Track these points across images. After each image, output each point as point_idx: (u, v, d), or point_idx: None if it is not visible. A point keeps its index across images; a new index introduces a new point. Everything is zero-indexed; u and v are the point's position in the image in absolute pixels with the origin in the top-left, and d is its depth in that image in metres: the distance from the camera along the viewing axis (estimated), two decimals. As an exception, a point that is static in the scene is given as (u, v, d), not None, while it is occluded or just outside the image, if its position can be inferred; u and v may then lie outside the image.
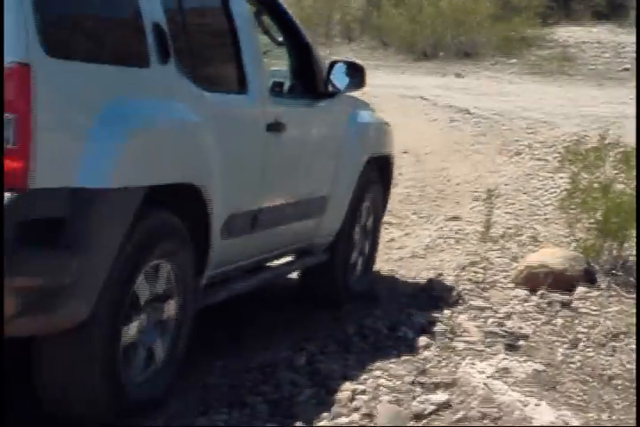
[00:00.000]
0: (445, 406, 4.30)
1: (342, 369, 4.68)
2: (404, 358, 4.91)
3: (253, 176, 4.67)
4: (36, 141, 3.27)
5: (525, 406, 4.30)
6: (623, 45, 20.37)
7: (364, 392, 4.38)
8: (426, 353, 5.01)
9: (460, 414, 4.25)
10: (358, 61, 5.83)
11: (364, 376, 4.60)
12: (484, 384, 4.49)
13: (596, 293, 6.15)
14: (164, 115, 3.96)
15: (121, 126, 3.61)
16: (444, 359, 4.92)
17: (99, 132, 3.51)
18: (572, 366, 4.95)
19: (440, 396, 4.38)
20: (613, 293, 6.19)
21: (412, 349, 5.08)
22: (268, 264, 5.42)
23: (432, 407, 4.26)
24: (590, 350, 5.22)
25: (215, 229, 4.27)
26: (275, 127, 4.80)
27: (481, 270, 6.77)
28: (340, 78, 5.33)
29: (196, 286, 4.23)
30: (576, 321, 5.69)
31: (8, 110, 3.23)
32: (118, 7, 3.84)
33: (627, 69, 19.48)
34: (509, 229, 7.80)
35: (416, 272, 6.76)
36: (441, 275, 6.67)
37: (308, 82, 5.35)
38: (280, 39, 5.44)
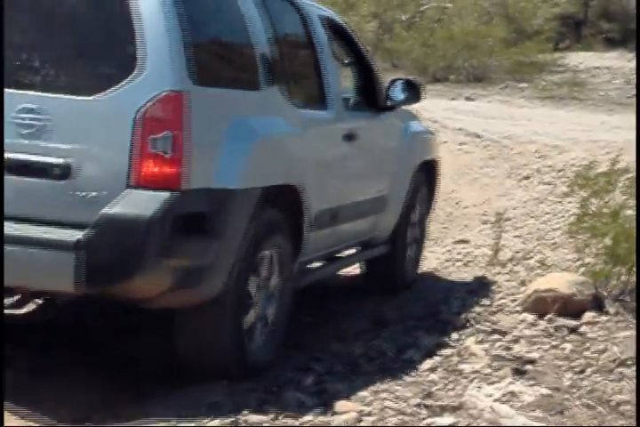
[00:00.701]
0: (452, 429, 4.29)
1: (349, 390, 4.67)
2: (410, 380, 4.91)
3: (335, 179, 5.59)
4: (186, 153, 4.17)
5: (532, 430, 4.29)
6: (634, 72, 20.40)
7: (370, 414, 4.37)
8: (432, 376, 5.00)
9: (466, 438, 4.24)
10: (416, 79, 6.86)
11: (371, 398, 4.59)
12: (491, 408, 4.47)
13: (604, 318, 6.13)
14: (273, 129, 4.90)
15: (245, 140, 4.53)
16: (450, 382, 4.91)
17: (229, 145, 4.42)
18: (579, 391, 4.93)
19: (446, 419, 4.37)
20: (622, 318, 6.16)
21: (418, 371, 5.07)
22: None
23: (438, 430, 4.25)
24: (598, 375, 5.20)
25: (307, 223, 5.12)
26: (348, 137, 5.76)
27: (489, 294, 6.76)
28: (397, 93, 6.31)
29: (292, 269, 5.10)
30: (584, 346, 5.67)
31: (167, 128, 4.14)
32: (237, 43, 4.82)
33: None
34: (518, 253, 7.79)
35: (424, 295, 6.75)
36: (448, 298, 6.67)
37: (370, 97, 6.28)
38: (346, 60, 6.41)
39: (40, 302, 5.65)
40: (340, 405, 4.46)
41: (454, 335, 5.68)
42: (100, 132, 4.13)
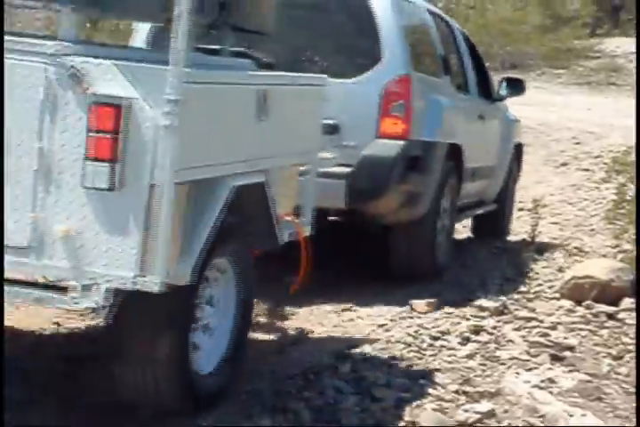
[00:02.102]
0: (490, 415, 4.29)
1: (387, 377, 4.67)
2: (448, 366, 4.91)
3: (475, 146, 7.41)
4: (411, 115, 6.30)
5: (571, 416, 4.28)
6: (672, 56, 20.17)
7: (408, 400, 4.38)
8: (470, 362, 5.00)
9: (504, 424, 4.24)
10: (519, 76, 9.17)
11: (409, 384, 4.60)
12: (529, 394, 4.48)
13: (642, 304, 6.10)
14: (449, 104, 6.99)
15: (438, 110, 6.75)
16: (488, 369, 4.91)
17: (429, 112, 6.55)
18: (617, 377, 4.91)
19: (484, 405, 4.38)
20: (660, 304, 6.14)
21: (456, 358, 5.07)
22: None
23: (476, 416, 4.25)
24: (636, 361, 5.19)
25: (465, 175, 7.18)
26: (480, 117, 7.82)
27: (527, 280, 6.75)
28: (503, 89, 8.46)
29: (456, 203, 7.20)
30: (622, 332, 5.66)
31: (401, 99, 6.28)
32: (427, 45, 7.12)
33: (675, 80, 19.30)
34: (555, 239, 7.76)
35: (462, 280, 6.75)
36: (486, 284, 6.66)
37: (487, 90, 8.29)
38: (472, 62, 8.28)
39: None
40: (379, 391, 4.48)
41: (491, 322, 5.68)
42: (357, 102, 6.19)
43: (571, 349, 5.27)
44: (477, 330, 5.52)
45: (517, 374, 4.82)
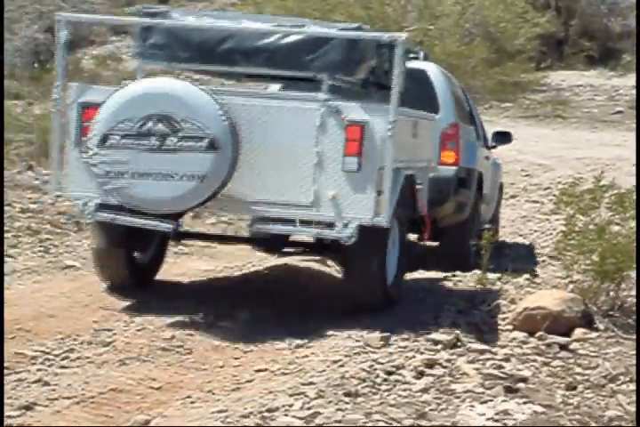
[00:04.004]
0: (445, 449, 4.28)
1: (341, 413, 4.65)
2: (403, 401, 4.90)
3: (487, 177, 10.12)
4: (459, 150, 8.90)
5: (526, 448, 4.28)
6: (616, 89, 20.52)
7: (363, 436, 4.36)
8: (425, 396, 4.99)
9: (460, 458, 4.24)
10: (508, 130, 11.31)
11: (364, 420, 4.58)
12: (484, 427, 4.48)
13: (594, 334, 6.15)
14: (476, 145, 9.66)
15: (472, 148, 9.35)
16: (443, 402, 4.91)
17: (467, 149, 9.13)
18: (570, 408, 4.93)
19: (440, 439, 4.36)
20: (612, 334, 6.19)
21: (411, 392, 5.06)
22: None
23: (432, 451, 4.24)
24: (589, 391, 5.21)
25: (483, 197, 9.84)
26: (487, 158, 10.28)
27: (479, 313, 6.77)
28: (493, 139, 10.83)
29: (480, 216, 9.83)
30: (575, 363, 5.69)
31: (453, 139, 8.89)
32: (463, 103, 9.81)
33: (620, 112, 19.61)
34: (506, 271, 7.81)
35: (414, 314, 6.75)
36: (439, 317, 6.67)
37: (485, 140, 10.57)
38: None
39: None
40: (334, 428, 4.46)
41: (445, 355, 5.68)
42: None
43: (524, 380, 5.28)
44: (431, 364, 5.52)
45: (472, 406, 4.82)
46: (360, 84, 7.00)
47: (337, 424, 4.51)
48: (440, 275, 8.30)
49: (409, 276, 7.94)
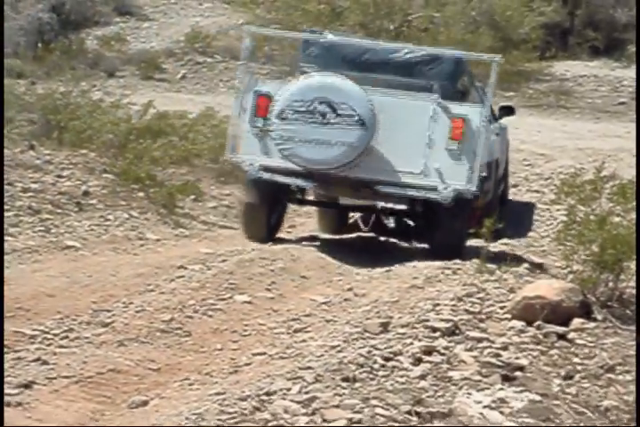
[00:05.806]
0: (441, 435, 4.30)
1: (338, 398, 4.67)
2: (400, 387, 4.91)
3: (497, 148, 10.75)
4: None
5: (521, 436, 4.30)
6: (620, 79, 20.44)
7: (360, 421, 4.38)
8: (422, 383, 5.01)
9: (456, 444, 4.25)
10: (511, 104, 12.43)
11: (361, 405, 4.59)
12: (481, 415, 4.50)
13: (592, 324, 6.16)
14: (492, 133, 10.13)
15: (492, 143, 9.89)
16: (440, 389, 4.92)
17: (489, 143, 9.58)
18: (567, 397, 4.95)
19: (436, 426, 4.38)
20: (609, 324, 6.20)
21: (408, 378, 5.08)
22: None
23: (428, 437, 4.26)
24: (586, 381, 5.23)
25: (497, 174, 10.65)
26: (497, 135, 10.69)
27: (478, 301, 6.78)
28: (501, 112, 11.42)
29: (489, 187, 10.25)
30: (572, 353, 5.70)
31: None
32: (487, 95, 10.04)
33: (623, 103, 19.56)
34: (506, 260, 7.81)
35: (413, 302, 6.76)
36: (438, 305, 6.67)
37: (493, 113, 10.90)
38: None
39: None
40: (330, 413, 4.47)
41: (443, 342, 5.69)
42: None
43: (521, 369, 5.30)
44: (429, 351, 5.53)
45: (469, 394, 4.83)
46: (456, 89, 9.27)
47: (334, 409, 4.52)
48: (439, 264, 8.29)
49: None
